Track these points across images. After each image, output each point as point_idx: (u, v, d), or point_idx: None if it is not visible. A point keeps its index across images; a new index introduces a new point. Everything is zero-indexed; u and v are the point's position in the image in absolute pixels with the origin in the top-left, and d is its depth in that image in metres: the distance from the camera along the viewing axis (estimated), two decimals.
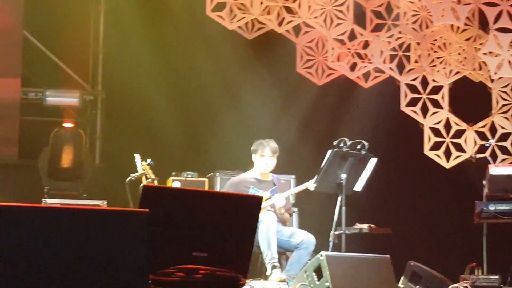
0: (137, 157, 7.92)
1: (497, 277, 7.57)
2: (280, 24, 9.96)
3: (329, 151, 7.89)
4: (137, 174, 7.87)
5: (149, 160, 7.88)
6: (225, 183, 8.62)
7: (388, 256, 7.41)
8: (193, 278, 4.32)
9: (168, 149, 10.00)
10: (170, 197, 4.52)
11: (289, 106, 10.15)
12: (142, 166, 7.86)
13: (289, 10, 9.95)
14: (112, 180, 9.29)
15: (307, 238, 7.98)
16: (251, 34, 10.14)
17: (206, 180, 9.23)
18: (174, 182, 9.06)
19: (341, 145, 7.96)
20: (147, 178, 7.82)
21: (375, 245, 8.61)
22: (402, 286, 7.95)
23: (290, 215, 8.44)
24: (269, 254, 7.74)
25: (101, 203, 8.77)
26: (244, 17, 9.92)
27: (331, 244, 7.91)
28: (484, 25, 9.84)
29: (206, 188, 9.09)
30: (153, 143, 9.86)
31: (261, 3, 9.82)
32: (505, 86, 10.04)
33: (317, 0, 9.84)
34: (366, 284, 7.05)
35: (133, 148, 8.18)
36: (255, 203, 4.85)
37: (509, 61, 9.52)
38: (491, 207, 6.95)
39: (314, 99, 10.25)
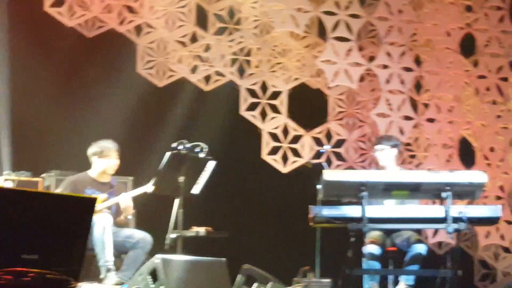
0: None
1: (328, 280, 7.73)
2: (121, 23, 9.85)
3: (168, 153, 7.85)
4: None
5: None
6: (60, 183, 8.43)
7: (223, 259, 7.44)
8: (21, 281, 4.18)
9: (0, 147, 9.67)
10: None
11: (129, 106, 10.02)
12: None
13: (130, 9, 9.85)
14: None
15: (143, 238, 7.92)
16: (91, 32, 9.95)
17: (40, 180, 8.98)
18: (6, 182, 8.77)
19: (180, 147, 7.93)
20: None
21: (211, 248, 8.63)
22: None
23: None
24: (103, 256, 7.63)
25: None
26: (84, 14, 9.74)
27: (167, 247, 7.87)
28: (322, 33, 10.06)
29: (40, 188, 8.85)
30: None
31: (102, 1, 9.67)
32: (341, 94, 10.29)
33: (159, 1, 9.79)
34: (201, 287, 7.05)
35: None
36: (88, 204, 4.74)
37: (346, 70, 9.77)
38: (325, 212, 7.05)
39: (155, 101, 10.17)
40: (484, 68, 10.39)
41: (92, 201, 4.91)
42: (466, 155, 10.27)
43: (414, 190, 7.20)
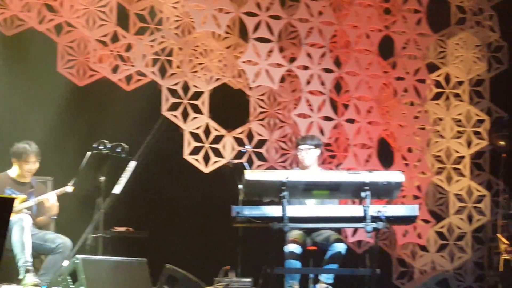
0: None
1: (249, 279, 7.78)
2: (41, 22, 9.75)
3: (88, 153, 7.81)
4: None
5: None
6: None
7: (144, 259, 7.43)
8: None
9: None
10: None
11: (49, 106, 9.92)
12: None
13: (50, 8, 9.75)
14: None
15: (64, 242, 7.86)
16: (10, 30, 9.83)
17: None
18: None
19: (101, 147, 7.91)
20: None
21: (132, 248, 8.61)
22: None
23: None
24: (22, 257, 7.55)
25: None
26: (2, 13, 9.62)
27: (87, 247, 7.83)
28: (244, 33, 10.11)
29: None
30: None
31: None
32: (263, 95, 10.36)
33: None
34: (122, 287, 7.03)
35: None
36: (6, 204, 4.68)
37: (267, 70, 9.84)
38: (246, 211, 7.10)
39: (75, 100, 10.08)
40: (402, 70, 10.57)
41: (10, 201, 4.84)
42: (385, 156, 10.43)
43: (334, 190, 7.30)
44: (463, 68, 10.88)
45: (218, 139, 10.06)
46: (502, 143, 10.37)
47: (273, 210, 7.09)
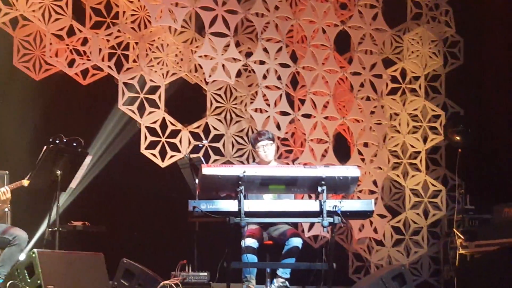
0: None
1: (206, 273, 7.79)
2: None
3: (45, 147, 7.77)
4: None
5: None
6: None
7: (101, 253, 7.41)
8: None
9: None
10: None
11: (4, 100, 9.84)
12: None
13: (6, 1, 9.67)
14: None
15: (20, 235, 7.80)
16: None
17: None
18: None
19: (57, 141, 7.86)
20: None
21: (89, 242, 8.58)
22: (115, 283, 7.99)
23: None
24: None
25: None
26: None
27: (44, 241, 7.80)
28: (200, 28, 10.11)
29: None
30: None
31: None
32: (219, 89, 10.37)
33: None
34: (78, 282, 7.02)
35: None
36: None
37: (223, 65, 9.85)
38: (203, 206, 7.12)
39: (31, 94, 10.01)
40: (358, 65, 10.64)
41: None
42: (341, 150, 10.50)
43: (290, 185, 7.33)
44: (419, 63, 10.98)
45: (174, 133, 10.05)
46: (457, 138, 10.47)
47: (229, 205, 7.10)
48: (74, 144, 8.00)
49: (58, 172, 7.89)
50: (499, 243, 8.22)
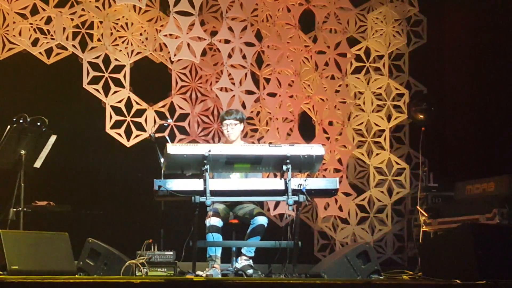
0: None
1: (171, 253, 7.82)
2: None
3: (8, 127, 7.73)
4: None
5: None
6: None
7: (66, 233, 7.40)
8: None
9: None
10: None
11: None
12: None
13: None
14: None
15: None
16: None
17: None
18: None
19: (21, 121, 7.83)
20: None
21: (54, 222, 8.56)
22: (80, 263, 7.99)
23: None
24: None
25: None
26: None
27: (8, 221, 7.77)
28: (165, 7, 10.07)
29: None
30: None
31: None
32: (184, 68, 10.35)
33: None
34: (44, 261, 7.00)
35: None
36: None
37: (188, 44, 9.83)
38: (168, 185, 7.14)
39: None
40: (322, 43, 10.69)
41: None
42: (306, 129, 10.54)
43: (255, 163, 7.38)
44: (383, 42, 11.03)
45: (140, 112, 10.03)
46: (421, 116, 10.55)
47: (195, 184, 7.14)
48: (38, 123, 7.97)
49: (22, 152, 7.86)
50: (461, 220, 8.32)
